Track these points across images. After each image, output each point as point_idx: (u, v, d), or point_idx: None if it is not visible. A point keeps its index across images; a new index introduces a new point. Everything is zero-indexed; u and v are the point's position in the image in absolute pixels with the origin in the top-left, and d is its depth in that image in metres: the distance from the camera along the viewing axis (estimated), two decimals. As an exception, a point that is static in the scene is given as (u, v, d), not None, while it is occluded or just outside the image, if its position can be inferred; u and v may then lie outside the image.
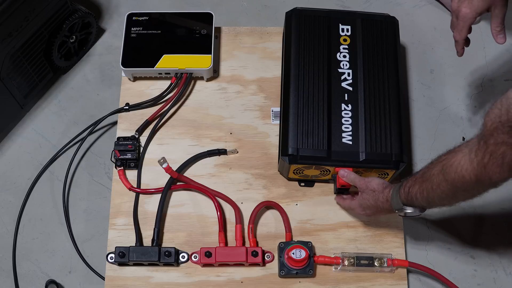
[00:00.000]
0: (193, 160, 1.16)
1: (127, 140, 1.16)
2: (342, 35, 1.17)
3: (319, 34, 1.17)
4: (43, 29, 1.17)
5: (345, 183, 1.06)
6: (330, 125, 1.09)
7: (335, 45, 1.16)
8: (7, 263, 1.12)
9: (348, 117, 1.10)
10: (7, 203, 1.18)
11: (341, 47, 1.16)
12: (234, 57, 1.27)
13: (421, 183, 0.88)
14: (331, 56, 1.15)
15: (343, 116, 1.10)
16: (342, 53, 1.16)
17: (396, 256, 1.09)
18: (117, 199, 1.13)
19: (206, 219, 1.12)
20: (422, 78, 1.31)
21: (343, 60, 1.15)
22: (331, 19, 1.18)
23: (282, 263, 1.06)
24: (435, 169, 0.85)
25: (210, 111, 1.21)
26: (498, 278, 1.13)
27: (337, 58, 1.15)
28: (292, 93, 1.11)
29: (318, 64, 1.14)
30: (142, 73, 1.22)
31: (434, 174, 0.85)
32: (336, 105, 1.11)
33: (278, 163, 1.13)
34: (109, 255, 1.07)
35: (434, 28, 1.35)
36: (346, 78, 1.13)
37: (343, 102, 1.11)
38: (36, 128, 1.25)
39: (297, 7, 1.19)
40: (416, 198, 0.90)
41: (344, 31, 1.18)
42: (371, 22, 1.18)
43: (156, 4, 1.40)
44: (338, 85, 1.13)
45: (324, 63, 1.14)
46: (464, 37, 1.05)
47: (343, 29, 1.18)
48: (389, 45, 1.17)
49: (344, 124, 1.09)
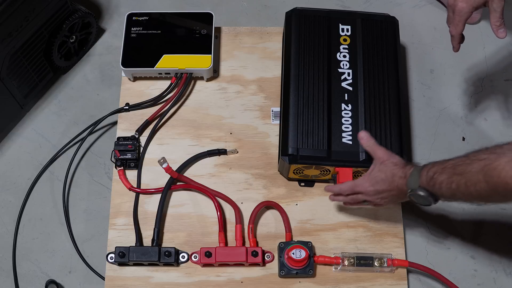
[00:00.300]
0: (193, 160, 1.16)
1: (127, 140, 1.16)
2: (342, 35, 1.17)
3: (319, 34, 1.17)
4: (43, 29, 1.17)
5: None
6: (330, 125, 1.09)
7: (335, 45, 1.16)
8: (7, 263, 1.12)
9: (348, 117, 1.10)
10: (7, 203, 1.18)
11: (341, 47, 1.16)
12: (234, 57, 1.27)
13: (452, 175, 0.84)
14: (331, 56, 1.15)
15: (343, 116, 1.10)
16: (342, 53, 1.16)
17: (396, 256, 1.09)
18: (117, 199, 1.13)
19: (206, 219, 1.12)
20: (422, 78, 1.31)
21: (343, 60, 1.15)
22: (331, 19, 1.19)
23: (282, 263, 1.06)
24: (473, 166, 0.81)
25: (210, 111, 1.21)
26: (498, 278, 1.13)
27: (337, 58, 1.15)
28: (292, 93, 1.11)
29: (318, 64, 1.14)
30: (142, 73, 1.22)
31: (471, 171, 0.81)
32: (336, 105, 1.11)
33: (278, 163, 1.13)
34: (109, 255, 1.07)
35: (434, 28, 1.35)
36: (346, 78, 1.13)
37: (343, 102, 1.11)
38: (36, 128, 1.25)
39: (297, 7, 1.20)
40: (440, 187, 0.86)
41: (344, 31, 1.18)
42: (371, 22, 1.19)
43: (156, 4, 1.40)
44: (338, 85, 1.13)
45: (324, 63, 1.14)
46: (460, 31, 1.04)
47: (343, 29, 1.18)
48: (389, 45, 1.17)
49: (344, 124, 1.09)
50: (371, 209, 1.13)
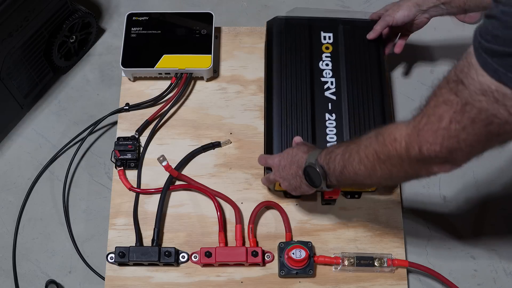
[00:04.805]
0: (189, 157, 1.16)
1: (127, 140, 1.16)
2: (324, 43, 1.16)
3: (301, 42, 1.15)
4: (43, 29, 1.17)
5: (333, 194, 1.05)
6: (315, 135, 1.08)
7: (317, 54, 1.14)
8: (7, 263, 1.12)
9: (332, 127, 1.09)
10: (7, 203, 1.18)
11: (323, 55, 1.15)
12: (234, 57, 1.27)
13: (347, 146, 0.82)
14: (313, 65, 1.13)
15: (327, 126, 1.09)
16: (324, 61, 1.14)
17: (396, 256, 1.09)
18: (117, 199, 1.13)
19: (206, 219, 1.12)
20: (422, 78, 1.31)
21: (326, 69, 1.13)
22: (313, 26, 1.17)
23: (282, 263, 1.06)
24: (367, 135, 0.79)
25: (210, 111, 1.21)
26: (498, 278, 1.13)
27: (320, 67, 1.13)
28: (275, 104, 1.10)
29: (301, 73, 1.12)
30: (142, 73, 1.22)
31: (365, 137, 0.79)
32: (320, 115, 1.09)
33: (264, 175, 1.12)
34: (109, 255, 1.07)
35: (434, 28, 1.35)
36: (329, 87, 1.12)
37: (327, 112, 1.10)
38: (36, 128, 1.25)
39: (277, 16, 1.18)
40: (335, 160, 0.84)
41: (326, 39, 1.16)
42: (353, 29, 1.17)
43: (156, 4, 1.40)
44: (321, 94, 1.11)
45: (306, 72, 1.12)
46: None
47: (325, 36, 1.16)
48: (372, 51, 1.15)
49: (328, 134, 1.08)
50: (371, 209, 1.13)
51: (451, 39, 1.36)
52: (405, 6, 1.10)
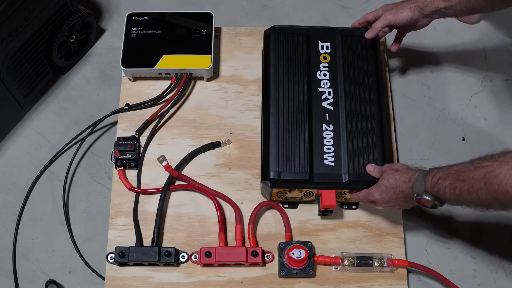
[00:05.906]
0: (189, 157, 1.16)
1: (127, 140, 1.16)
2: (322, 52, 1.15)
3: (299, 52, 1.14)
4: (43, 29, 1.17)
5: (329, 205, 1.04)
6: (312, 147, 1.07)
7: (315, 64, 1.14)
8: (7, 263, 1.12)
9: (329, 137, 1.08)
10: (7, 203, 1.18)
11: (321, 65, 1.14)
12: (234, 57, 1.27)
13: (455, 181, 0.86)
14: (311, 75, 1.12)
15: (324, 137, 1.08)
16: (322, 71, 1.13)
17: (396, 256, 1.09)
18: (117, 199, 1.13)
19: (206, 219, 1.12)
20: (422, 78, 1.31)
21: (323, 79, 1.12)
22: (311, 36, 1.16)
23: (282, 263, 1.06)
24: (475, 173, 0.82)
25: (210, 111, 1.21)
26: (498, 278, 1.13)
27: (317, 77, 1.12)
28: (272, 115, 1.09)
29: (298, 84, 1.11)
30: (142, 73, 1.22)
31: (474, 178, 0.82)
32: (317, 126, 1.08)
33: (260, 186, 1.12)
34: (109, 255, 1.07)
35: (434, 28, 1.35)
36: (327, 97, 1.11)
37: (324, 123, 1.09)
38: (36, 128, 1.25)
39: (275, 25, 1.17)
40: (444, 192, 0.87)
41: (324, 49, 1.15)
42: (351, 38, 1.16)
43: (156, 4, 1.40)
44: (319, 105, 1.10)
45: (304, 82, 1.11)
46: None
47: (322, 46, 1.15)
48: (370, 60, 1.14)
49: (326, 145, 1.07)
50: (371, 209, 1.13)
51: (451, 39, 1.36)
52: (408, 7, 1.09)
